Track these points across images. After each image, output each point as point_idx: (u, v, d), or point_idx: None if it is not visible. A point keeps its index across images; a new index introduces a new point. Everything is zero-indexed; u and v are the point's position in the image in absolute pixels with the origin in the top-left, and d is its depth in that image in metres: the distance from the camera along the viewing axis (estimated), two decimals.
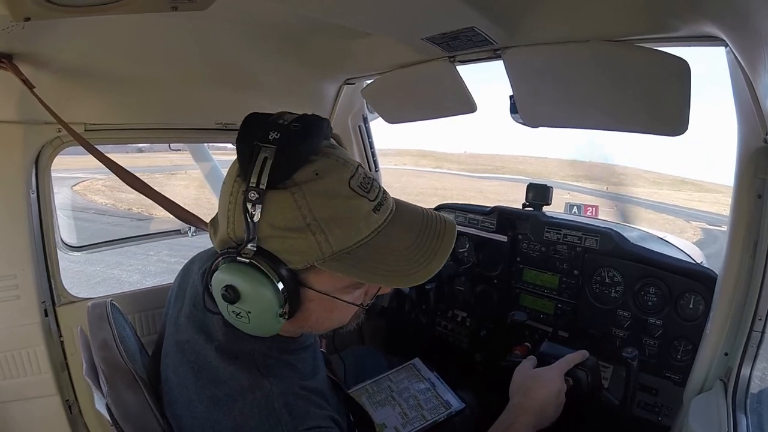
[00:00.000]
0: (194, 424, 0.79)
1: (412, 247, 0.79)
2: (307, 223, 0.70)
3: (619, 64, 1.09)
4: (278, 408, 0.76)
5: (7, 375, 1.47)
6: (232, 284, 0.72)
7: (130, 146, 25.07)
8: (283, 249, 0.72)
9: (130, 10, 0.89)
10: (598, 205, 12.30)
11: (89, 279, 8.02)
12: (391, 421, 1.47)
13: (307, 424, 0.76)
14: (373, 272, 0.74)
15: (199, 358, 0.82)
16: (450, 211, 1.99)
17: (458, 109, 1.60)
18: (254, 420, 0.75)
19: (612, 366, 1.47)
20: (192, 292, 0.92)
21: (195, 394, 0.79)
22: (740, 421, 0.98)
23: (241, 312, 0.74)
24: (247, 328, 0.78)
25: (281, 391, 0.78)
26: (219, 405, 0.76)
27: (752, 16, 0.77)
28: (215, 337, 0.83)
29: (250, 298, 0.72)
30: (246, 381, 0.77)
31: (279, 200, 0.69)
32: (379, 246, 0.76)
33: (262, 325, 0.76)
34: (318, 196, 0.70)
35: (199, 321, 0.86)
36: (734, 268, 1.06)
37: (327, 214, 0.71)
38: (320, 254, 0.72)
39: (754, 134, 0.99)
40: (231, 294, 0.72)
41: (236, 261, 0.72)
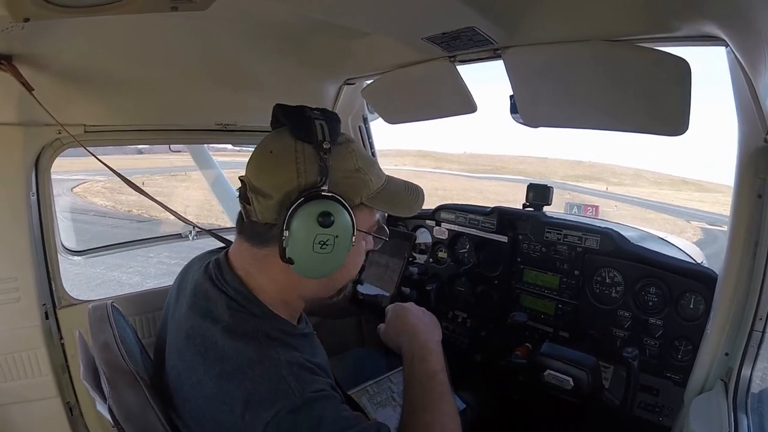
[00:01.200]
0: (205, 403, 0.83)
1: (406, 191, 1.07)
2: (358, 168, 0.93)
3: (619, 64, 1.09)
4: (286, 375, 0.82)
5: (8, 377, 1.47)
6: (327, 210, 0.86)
7: (129, 148, 25.11)
8: (347, 188, 0.91)
9: (130, 10, 0.88)
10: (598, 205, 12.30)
11: (89, 281, 8.02)
12: (391, 421, 1.45)
13: (314, 388, 0.84)
14: (394, 207, 1.01)
15: (206, 340, 0.87)
16: (450, 212, 1.99)
17: (458, 109, 1.60)
18: (265, 387, 0.81)
19: (612, 366, 1.47)
20: (192, 286, 0.97)
21: (204, 374, 0.84)
22: (741, 421, 0.98)
23: (328, 239, 0.87)
24: (325, 261, 0.90)
25: (288, 360, 0.85)
26: (229, 379, 0.82)
27: (753, 16, 0.77)
28: (220, 319, 0.88)
29: (340, 221, 0.87)
30: (254, 353, 0.84)
31: (342, 151, 0.92)
32: (391, 190, 1.02)
33: (340, 253, 0.90)
34: (359, 151, 0.96)
35: (203, 308, 0.91)
36: (735, 268, 1.06)
37: (366, 163, 0.96)
38: (368, 191, 0.95)
39: (754, 134, 0.99)
40: (327, 219, 0.86)
41: (321, 196, 0.86)
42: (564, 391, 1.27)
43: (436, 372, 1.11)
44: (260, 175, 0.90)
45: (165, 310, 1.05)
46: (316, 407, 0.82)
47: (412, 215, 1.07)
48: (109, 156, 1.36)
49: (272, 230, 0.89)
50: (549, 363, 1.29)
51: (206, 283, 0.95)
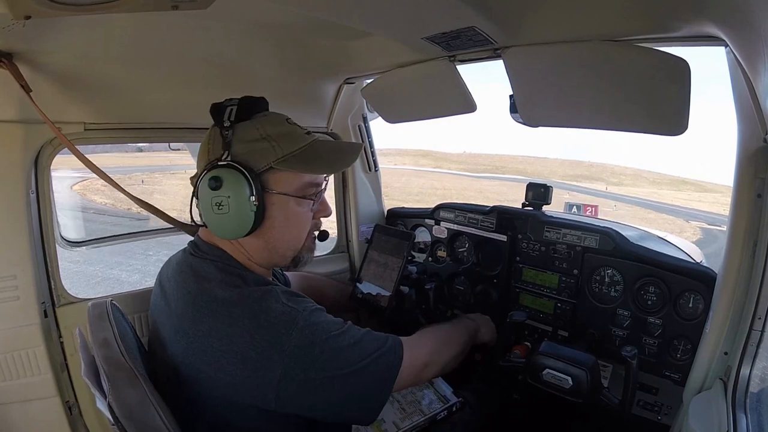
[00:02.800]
0: (222, 344, 0.93)
1: (335, 151, 1.15)
2: (263, 137, 1.03)
3: (618, 64, 1.09)
4: (285, 301, 0.99)
5: (7, 376, 1.46)
6: (215, 175, 0.98)
7: (129, 146, 25.13)
8: (250, 155, 1.01)
9: (131, 8, 0.88)
10: (597, 205, 12.29)
11: (89, 279, 8.03)
12: (389, 416, 1.47)
13: (309, 303, 1.03)
14: (310, 164, 1.07)
15: (209, 299, 0.98)
16: (449, 211, 1.99)
17: (458, 109, 1.60)
18: (275, 313, 0.96)
19: (612, 365, 1.47)
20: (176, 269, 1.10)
21: (214, 321, 0.95)
22: (740, 420, 0.98)
23: (222, 200, 0.99)
24: (226, 222, 1.01)
25: (282, 290, 1.03)
26: (242, 317, 0.95)
27: (752, 17, 0.77)
28: (213, 278, 1.02)
29: (229, 184, 0.98)
30: (255, 293, 0.99)
31: (243, 126, 1.03)
32: (312, 152, 1.09)
33: (239, 213, 1.00)
34: (268, 123, 1.06)
35: (194, 275, 1.04)
36: (734, 267, 1.07)
37: (276, 132, 1.05)
38: (275, 155, 1.03)
39: (754, 134, 0.99)
40: (215, 182, 0.98)
41: (217, 165, 1.00)
42: (563, 390, 1.27)
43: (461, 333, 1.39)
44: (198, 162, 1.07)
45: (152, 309, 1.15)
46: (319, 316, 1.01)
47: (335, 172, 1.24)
48: (109, 154, 1.36)
49: None
50: (548, 362, 1.29)
51: (189, 258, 1.09)
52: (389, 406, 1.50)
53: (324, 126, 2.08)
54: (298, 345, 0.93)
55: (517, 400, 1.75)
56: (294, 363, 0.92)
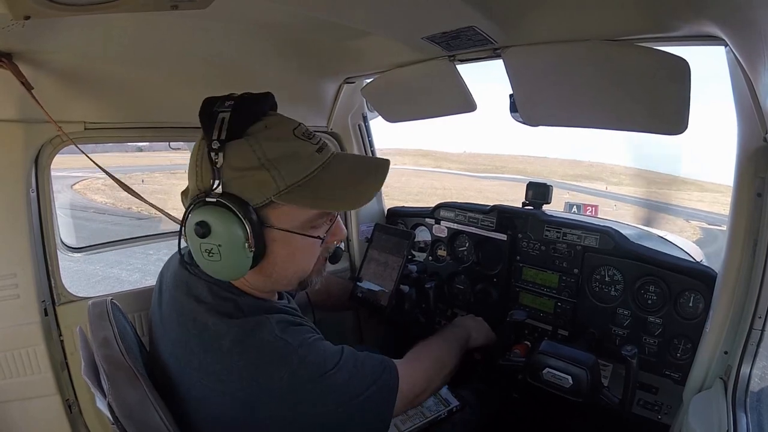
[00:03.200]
0: (211, 381, 0.86)
1: (352, 177, 0.95)
2: (261, 163, 0.85)
3: (618, 63, 1.09)
4: (280, 334, 0.88)
5: (7, 375, 1.46)
6: (202, 219, 0.84)
7: (130, 145, 25.09)
8: (245, 188, 0.85)
9: (130, 8, 0.88)
10: (597, 205, 12.29)
11: (89, 278, 8.02)
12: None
13: (307, 336, 0.92)
14: (320, 198, 0.89)
15: (197, 323, 0.90)
16: (449, 210, 1.99)
17: (458, 108, 1.60)
18: (266, 350, 0.86)
19: (612, 364, 1.47)
20: (172, 278, 1.01)
21: (204, 354, 0.87)
22: (740, 420, 0.98)
23: (212, 248, 0.85)
24: (219, 268, 0.88)
25: (277, 321, 0.91)
26: (230, 352, 0.85)
27: (752, 16, 0.77)
28: (205, 300, 0.92)
29: (218, 231, 0.84)
30: (246, 324, 0.88)
31: (237, 147, 0.84)
32: (324, 179, 0.91)
33: (232, 261, 0.86)
34: (269, 140, 0.86)
35: (186, 293, 0.95)
36: (734, 266, 1.07)
37: (277, 154, 0.86)
38: (276, 187, 0.86)
39: (753, 133, 0.99)
40: (202, 229, 0.84)
41: (205, 202, 0.84)
42: (563, 390, 1.27)
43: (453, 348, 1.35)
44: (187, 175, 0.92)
45: (152, 308, 1.08)
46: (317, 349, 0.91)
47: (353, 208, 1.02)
48: (110, 153, 1.36)
49: None
50: (548, 361, 1.29)
51: (184, 272, 0.98)
52: None
53: (324, 125, 2.08)
54: (290, 386, 0.86)
55: (516, 399, 1.75)
56: (284, 405, 0.86)
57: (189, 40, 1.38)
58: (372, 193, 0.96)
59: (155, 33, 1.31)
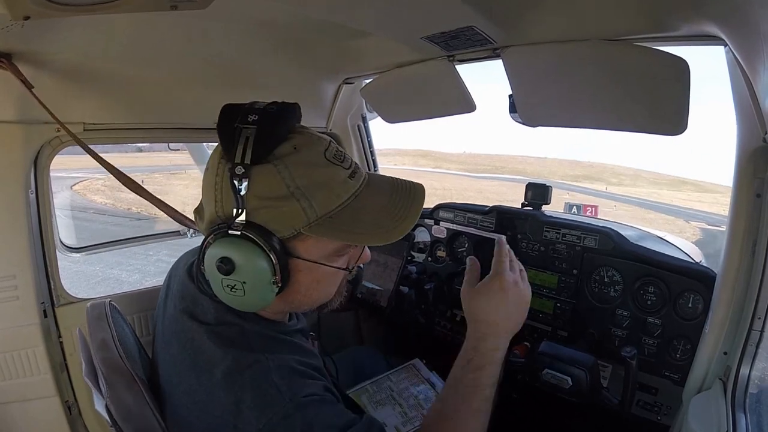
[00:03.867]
0: (196, 410, 0.81)
1: (388, 206, 0.87)
2: (291, 192, 0.76)
3: (618, 63, 1.09)
4: (276, 380, 0.78)
5: (7, 376, 1.46)
6: (226, 255, 0.76)
7: (129, 146, 25.07)
8: (271, 219, 0.77)
9: (130, 9, 0.88)
10: (597, 205, 12.29)
11: (89, 279, 8.02)
12: (391, 420, 1.47)
13: (305, 392, 0.79)
14: (355, 232, 0.81)
15: (194, 345, 0.84)
16: (448, 211, 1.99)
17: (457, 109, 1.60)
18: (255, 392, 0.76)
19: (611, 365, 1.47)
20: (179, 288, 0.94)
21: (195, 381, 0.81)
22: (739, 421, 0.98)
23: (235, 284, 0.78)
24: (241, 303, 0.81)
25: (278, 365, 0.80)
26: (219, 385, 0.78)
27: (752, 16, 0.77)
28: (207, 320, 0.85)
29: (244, 268, 0.76)
30: (243, 358, 0.80)
31: (263, 173, 0.75)
32: (357, 209, 0.82)
33: (256, 296, 0.80)
34: (299, 166, 0.76)
35: (190, 310, 0.88)
36: (733, 267, 1.06)
37: (308, 182, 0.77)
38: (306, 219, 0.77)
39: (753, 133, 0.99)
40: (225, 266, 0.76)
41: (228, 234, 0.76)
42: (562, 390, 1.27)
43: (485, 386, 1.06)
44: (202, 193, 0.84)
45: (157, 311, 1.04)
46: (308, 413, 0.77)
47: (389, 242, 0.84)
48: (109, 154, 1.36)
49: None
50: (547, 362, 1.29)
51: (191, 285, 0.91)
52: (390, 410, 1.50)
53: (323, 126, 2.08)
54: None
55: (516, 400, 1.74)
56: None
57: (188, 40, 1.38)
58: (409, 225, 0.87)
59: (155, 33, 1.31)
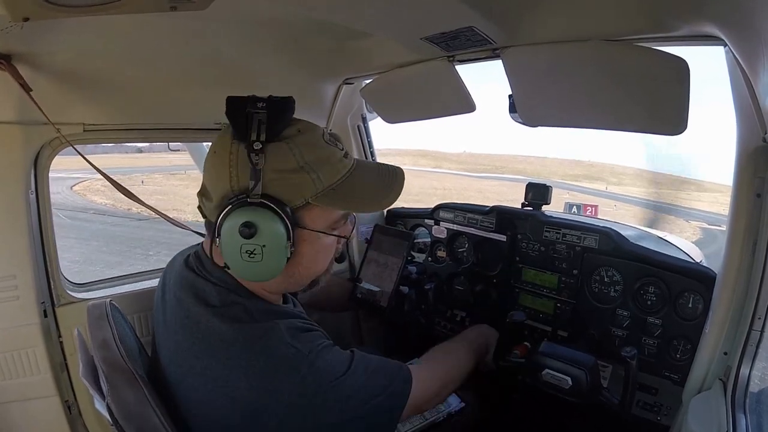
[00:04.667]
0: (216, 387, 0.87)
1: (377, 182, 1.02)
2: (300, 166, 0.88)
3: (618, 63, 1.09)
4: (290, 341, 0.89)
5: (7, 376, 1.46)
6: (249, 220, 0.84)
7: (129, 146, 25.08)
8: (284, 190, 0.87)
9: (129, 9, 0.88)
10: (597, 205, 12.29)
11: (89, 279, 8.02)
12: None
13: (317, 342, 0.92)
14: (354, 201, 0.96)
15: (202, 328, 0.90)
16: (449, 211, 1.99)
17: (457, 109, 1.60)
18: (277, 355, 0.87)
19: (611, 365, 1.47)
20: (178, 279, 1.00)
21: (210, 359, 0.88)
22: (739, 421, 0.98)
23: (255, 249, 0.85)
24: (255, 270, 0.88)
25: (287, 327, 0.91)
26: (239, 358, 0.86)
27: (752, 17, 0.77)
28: (212, 303, 0.92)
29: (265, 231, 0.85)
30: (254, 330, 0.89)
31: (277, 149, 0.86)
32: (354, 183, 0.96)
33: (272, 261, 0.88)
34: (305, 145, 0.89)
35: (193, 295, 0.94)
36: (733, 267, 1.06)
37: (314, 158, 0.89)
38: (314, 189, 0.89)
39: (753, 133, 0.99)
40: (249, 229, 0.84)
41: (247, 203, 0.85)
42: (562, 391, 1.27)
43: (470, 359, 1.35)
44: (206, 175, 0.92)
45: (155, 311, 1.07)
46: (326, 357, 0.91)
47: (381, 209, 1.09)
48: (109, 154, 1.36)
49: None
50: (547, 362, 1.29)
51: (190, 274, 0.98)
52: None
53: (324, 126, 2.08)
54: (300, 394, 0.86)
55: (516, 400, 1.75)
56: (293, 412, 0.86)
57: (188, 41, 1.38)
58: (398, 192, 1.02)
59: (154, 34, 1.31)
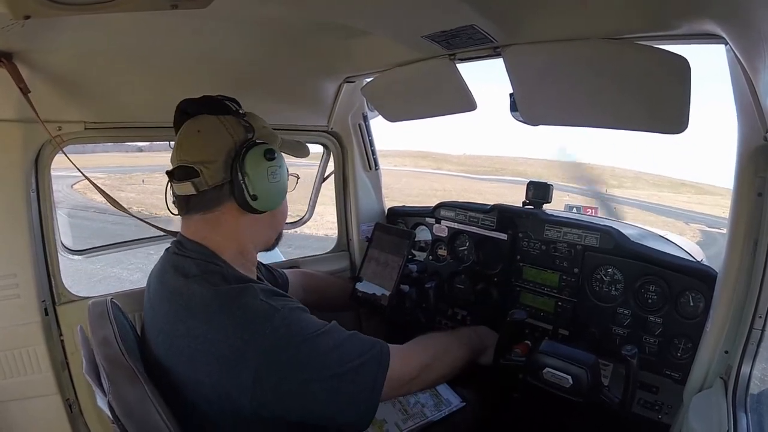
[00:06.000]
0: (198, 344, 0.94)
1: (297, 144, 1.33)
2: (264, 125, 1.17)
3: (619, 62, 1.09)
4: (264, 299, 0.98)
5: (8, 374, 1.47)
6: (268, 148, 1.08)
7: (130, 145, 25.08)
8: (267, 137, 1.14)
9: (130, 8, 0.88)
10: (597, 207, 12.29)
11: (90, 278, 8.02)
12: (391, 417, 1.47)
13: (290, 303, 1.02)
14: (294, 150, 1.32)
15: (185, 296, 0.99)
16: (450, 210, 1.99)
17: (458, 107, 1.60)
18: (252, 311, 0.95)
19: (612, 364, 1.47)
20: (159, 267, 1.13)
21: (192, 320, 0.96)
22: (740, 419, 0.98)
23: (276, 169, 1.09)
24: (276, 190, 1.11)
25: (261, 288, 1.01)
26: (218, 314, 0.95)
27: (752, 15, 0.77)
28: (192, 273, 1.02)
29: (278, 155, 1.10)
30: (232, 291, 0.98)
31: (251, 117, 1.15)
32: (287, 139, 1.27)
33: (284, 181, 1.14)
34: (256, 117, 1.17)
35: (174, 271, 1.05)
36: (734, 265, 1.06)
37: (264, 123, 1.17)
38: (278, 139, 1.18)
39: (754, 132, 0.99)
40: (270, 154, 1.07)
41: (256, 143, 1.07)
42: (563, 389, 1.27)
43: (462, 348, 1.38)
44: (199, 151, 1.06)
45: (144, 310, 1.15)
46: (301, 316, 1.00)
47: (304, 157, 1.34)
48: (110, 153, 1.36)
49: (223, 188, 1.05)
50: (548, 361, 1.29)
51: (171, 257, 1.10)
52: (391, 407, 1.50)
53: (325, 125, 2.08)
54: (272, 344, 0.92)
55: (517, 399, 1.74)
56: (267, 364, 0.91)
57: (189, 39, 1.38)
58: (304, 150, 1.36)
59: (155, 32, 1.31)
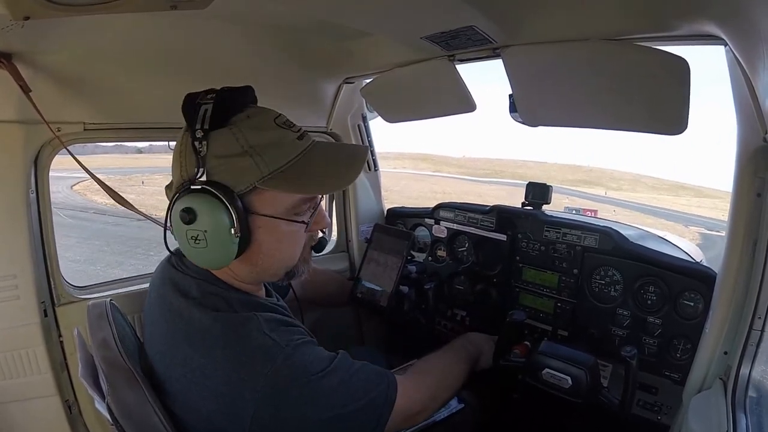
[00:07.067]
0: (195, 376, 0.87)
1: (332, 163, 0.98)
2: (245, 150, 0.86)
3: (618, 63, 1.09)
4: (268, 332, 0.88)
5: (7, 375, 1.46)
6: (188, 206, 0.85)
7: (129, 147, 25.08)
8: (228, 175, 0.86)
9: (130, 8, 0.89)
10: (597, 209, 12.31)
11: (90, 279, 8.02)
12: None
13: (296, 337, 0.91)
14: (304, 183, 0.92)
15: (184, 319, 0.91)
16: (449, 210, 1.99)
17: (458, 108, 1.60)
18: (253, 345, 0.86)
19: (611, 365, 1.47)
20: (160, 277, 1.03)
21: (190, 349, 0.89)
22: (739, 420, 0.98)
23: (198, 234, 0.86)
24: (205, 257, 0.89)
25: (266, 319, 0.91)
26: (215, 346, 0.87)
27: (752, 16, 0.77)
28: (192, 295, 0.93)
29: (204, 216, 0.84)
30: (233, 319, 0.90)
31: (220, 135, 0.86)
32: (306, 164, 0.93)
33: (219, 247, 0.87)
34: (251, 129, 0.88)
35: (174, 289, 0.96)
36: (734, 266, 1.06)
37: (259, 141, 0.88)
38: (259, 173, 0.87)
39: (753, 133, 0.99)
40: (188, 215, 0.84)
41: (190, 190, 0.86)
42: (562, 390, 1.26)
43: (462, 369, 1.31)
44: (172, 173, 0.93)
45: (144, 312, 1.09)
46: (305, 351, 0.90)
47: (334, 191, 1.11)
48: (110, 155, 1.36)
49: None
50: (547, 362, 1.29)
51: (171, 271, 1.00)
52: None
53: (324, 126, 2.08)
54: (273, 386, 0.84)
55: (516, 399, 1.74)
56: (266, 405, 0.84)
57: (188, 40, 1.38)
58: (353, 175, 1.00)
59: (155, 33, 1.31)
